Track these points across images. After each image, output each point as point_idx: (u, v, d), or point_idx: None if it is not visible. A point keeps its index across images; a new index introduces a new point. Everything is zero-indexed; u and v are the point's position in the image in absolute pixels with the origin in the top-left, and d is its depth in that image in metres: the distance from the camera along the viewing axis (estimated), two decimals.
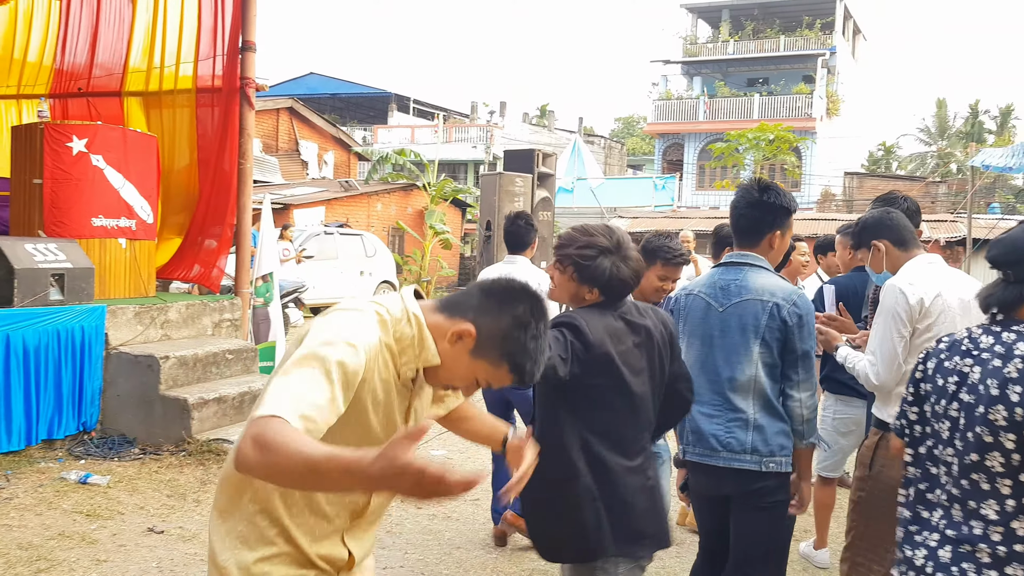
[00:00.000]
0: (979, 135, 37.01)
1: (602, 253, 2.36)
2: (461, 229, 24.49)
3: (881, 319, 2.83)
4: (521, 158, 9.58)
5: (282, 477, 1.36)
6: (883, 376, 2.81)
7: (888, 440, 2.83)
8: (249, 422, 1.37)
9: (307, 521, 1.71)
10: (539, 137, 32.76)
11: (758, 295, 2.74)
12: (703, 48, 32.69)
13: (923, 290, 2.75)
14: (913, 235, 3.02)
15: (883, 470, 2.85)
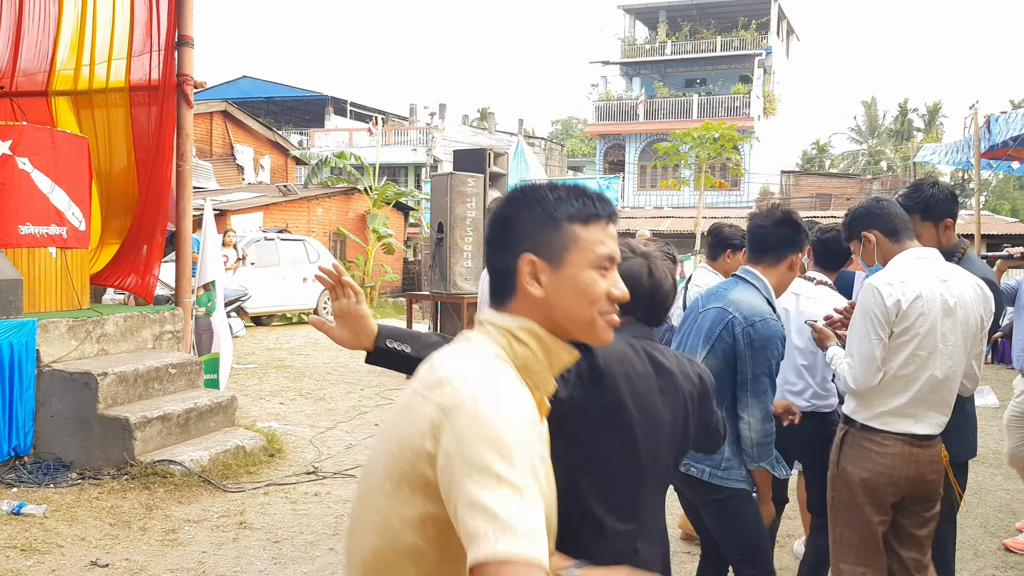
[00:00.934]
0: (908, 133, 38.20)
1: (634, 255, 2.03)
2: (404, 233, 24.14)
3: (859, 319, 2.72)
4: (472, 158, 9.38)
5: None
6: (860, 379, 2.69)
7: (853, 437, 2.76)
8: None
9: None
10: (480, 139, 32.54)
11: (725, 304, 2.73)
12: (641, 49, 32.94)
13: (901, 291, 2.61)
14: (906, 225, 2.83)
15: (848, 467, 2.76)
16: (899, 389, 2.65)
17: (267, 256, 14.52)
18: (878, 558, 2.75)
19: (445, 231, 8.72)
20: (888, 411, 2.68)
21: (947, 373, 2.64)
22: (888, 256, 2.80)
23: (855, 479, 2.72)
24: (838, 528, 2.83)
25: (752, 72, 30.32)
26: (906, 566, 2.78)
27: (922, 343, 2.62)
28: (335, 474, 5.65)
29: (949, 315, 2.63)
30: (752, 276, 2.81)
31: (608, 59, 32.98)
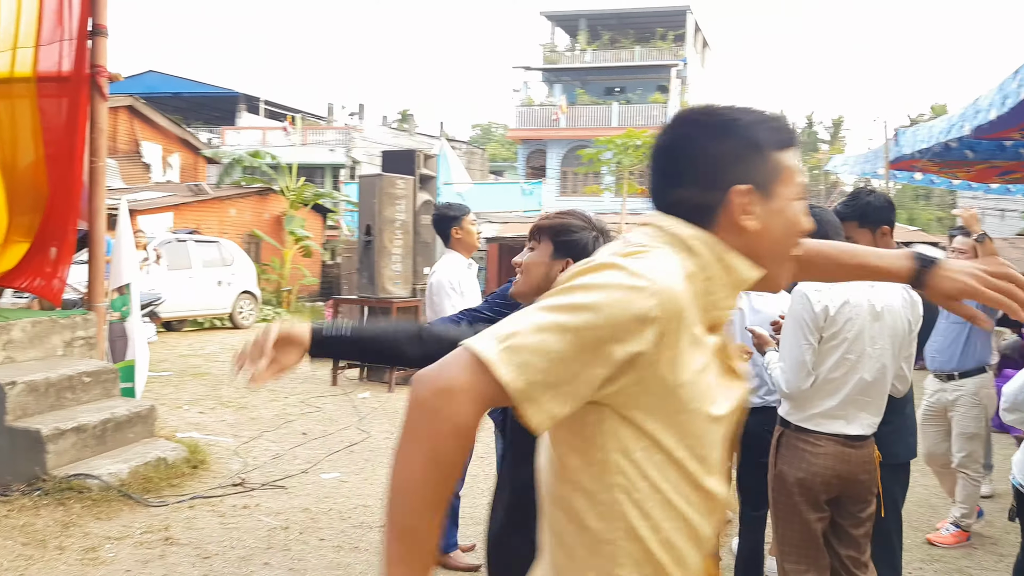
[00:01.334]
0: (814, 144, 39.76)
1: (586, 228, 2.07)
2: (323, 235, 23.59)
3: (789, 325, 2.81)
4: (401, 159, 9.22)
5: None
6: (792, 383, 2.78)
7: (788, 438, 2.84)
8: None
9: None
10: (401, 141, 32.19)
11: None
12: (562, 56, 33.23)
13: (829, 297, 2.71)
14: (838, 232, 2.90)
15: (784, 468, 2.83)
16: (830, 392, 2.74)
17: (179, 258, 13.95)
18: (820, 556, 2.81)
19: (374, 234, 8.54)
20: (820, 413, 2.78)
21: (876, 376, 2.74)
22: None
23: (791, 479, 2.79)
24: (780, 528, 2.90)
25: (669, 82, 30.99)
26: (845, 564, 2.86)
27: (851, 347, 2.72)
28: (263, 485, 5.43)
29: (876, 319, 2.73)
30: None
31: (530, 64, 33.17)
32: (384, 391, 8.77)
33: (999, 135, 8.54)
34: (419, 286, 9.22)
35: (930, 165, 10.40)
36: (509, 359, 1.00)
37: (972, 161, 9.61)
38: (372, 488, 5.48)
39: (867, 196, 3.15)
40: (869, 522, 2.88)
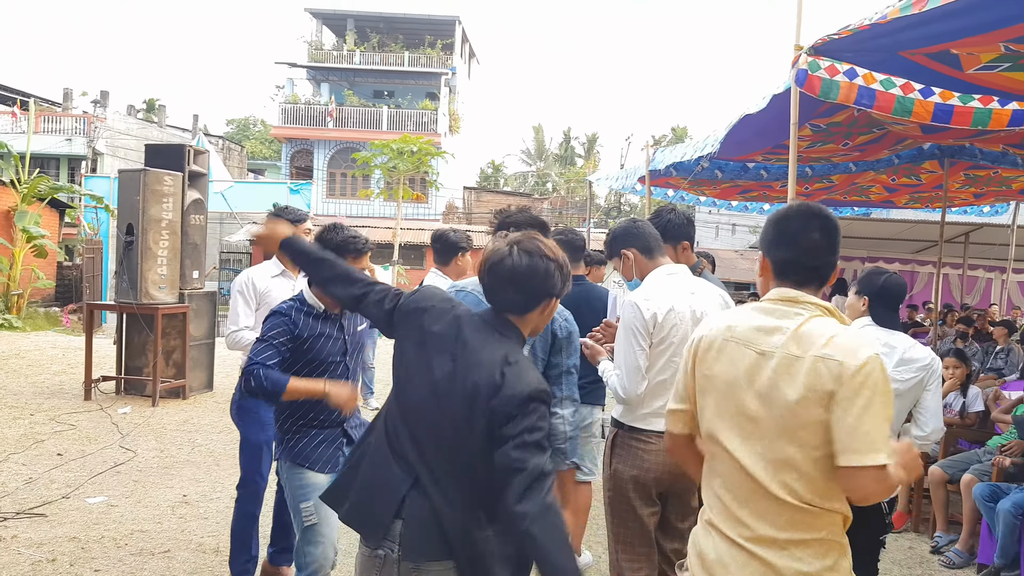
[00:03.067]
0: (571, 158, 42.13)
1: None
2: (59, 234, 21.17)
3: (622, 333, 2.96)
4: (167, 153, 8.50)
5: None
6: (628, 388, 2.93)
7: (622, 438, 2.98)
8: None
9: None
10: (149, 132, 29.77)
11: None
12: (329, 55, 32.46)
13: (656, 305, 2.89)
14: (659, 243, 3.13)
15: (619, 466, 2.98)
16: (660, 392, 2.90)
17: None
18: (652, 552, 2.97)
19: (136, 234, 7.80)
20: (651, 412, 2.94)
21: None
22: (644, 272, 3.08)
23: (625, 476, 2.93)
24: (615, 525, 3.02)
25: (439, 90, 31.36)
26: (669, 558, 3.03)
27: (677, 351, 2.89)
28: (18, 514, 4.78)
29: (697, 324, 2.89)
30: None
31: (295, 61, 32.04)
32: (147, 405, 8.03)
33: (744, 157, 9.58)
34: (187, 291, 8.57)
35: (681, 182, 11.38)
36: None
37: (719, 180, 10.61)
38: (146, 511, 5.01)
39: (668, 214, 3.39)
40: (693, 516, 3.06)
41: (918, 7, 4.52)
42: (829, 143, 8.28)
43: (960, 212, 12.92)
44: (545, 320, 2.13)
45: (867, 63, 5.81)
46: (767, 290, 1.98)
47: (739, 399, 1.86)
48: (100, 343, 9.96)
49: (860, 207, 13.25)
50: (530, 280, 2.01)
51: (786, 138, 8.29)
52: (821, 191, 11.68)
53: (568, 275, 2.11)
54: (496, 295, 2.06)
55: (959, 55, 5.44)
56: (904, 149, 8.85)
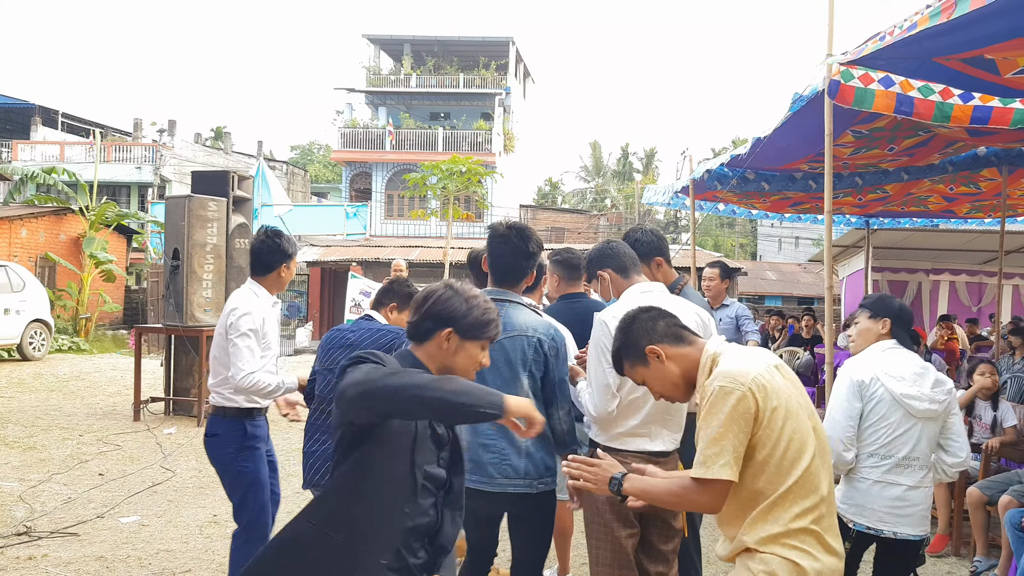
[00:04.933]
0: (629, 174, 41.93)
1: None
2: (127, 259, 22.02)
3: (592, 351, 2.96)
4: (212, 180, 8.73)
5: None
6: (599, 406, 2.91)
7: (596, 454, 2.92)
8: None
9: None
10: (215, 160, 30.78)
11: (523, 331, 2.93)
12: (386, 79, 33.06)
13: None
14: (634, 263, 3.16)
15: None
16: (632, 411, 2.88)
17: None
18: (632, 575, 2.89)
19: (182, 258, 8.03)
20: (625, 431, 2.91)
21: None
22: (620, 291, 3.11)
23: (601, 499, 2.87)
24: (593, 547, 2.97)
25: (493, 110, 31.63)
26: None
27: None
28: (52, 533, 4.93)
29: None
30: (516, 297, 3.04)
31: (354, 87, 32.73)
32: (192, 426, 8.23)
33: (789, 166, 9.36)
34: None
35: (730, 196, 11.16)
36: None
37: (768, 192, 10.37)
38: (176, 531, 5.11)
39: (636, 233, 3.42)
40: (678, 537, 3.00)
41: (947, 14, 4.37)
42: (874, 148, 8.03)
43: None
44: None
45: (902, 70, 5.63)
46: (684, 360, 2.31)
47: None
48: (152, 365, 10.26)
49: (920, 218, 12.82)
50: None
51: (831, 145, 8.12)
52: (876, 202, 11.32)
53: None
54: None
55: (995, 60, 5.24)
56: (955, 153, 8.52)
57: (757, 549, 2.07)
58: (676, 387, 2.28)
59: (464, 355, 2.17)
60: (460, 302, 2.16)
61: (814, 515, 2.06)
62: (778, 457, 2.04)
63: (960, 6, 4.21)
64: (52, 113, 33.34)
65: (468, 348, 2.17)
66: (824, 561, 2.05)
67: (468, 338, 2.16)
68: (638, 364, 2.30)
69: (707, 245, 38.90)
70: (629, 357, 2.32)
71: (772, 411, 2.05)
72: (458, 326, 2.14)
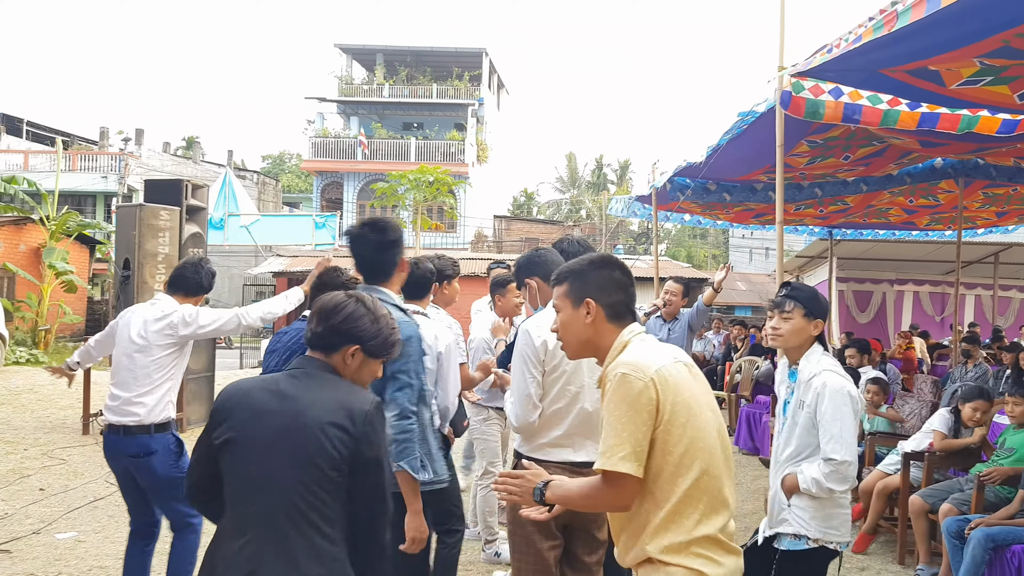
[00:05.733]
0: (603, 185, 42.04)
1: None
2: (89, 269, 21.65)
3: (515, 361, 2.93)
4: (166, 189, 8.61)
5: None
6: (520, 416, 2.87)
7: (521, 468, 2.85)
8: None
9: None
10: (184, 169, 30.46)
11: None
12: (359, 89, 32.97)
13: (547, 333, 2.80)
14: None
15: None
16: (556, 422, 2.84)
17: None
18: None
19: (132, 268, 7.88)
20: (548, 442, 2.87)
21: (596, 406, 2.83)
22: (547, 299, 3.04)
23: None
24: (516, 559, 2.93)
25: (466, 121, 31.62)
26: None
27: (570, 379, 2.84)
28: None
29: None
30: (380, 290, 2.94)
31: (325, 96, 32.61)
32: None
33: (748, 177, 9.39)
34: None
35: (693, 207, 11.19)
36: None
37: (730, 203, 10.40)
38: (112, 547, 4.96)
39: (562, 244, 3.35)
40: (602, 549, 2.95)
41: (889, 27, 4.38)
42: (829, 157, 8.09)
43: (987, 233, 12.55)
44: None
45: (851, 81, 5.67)
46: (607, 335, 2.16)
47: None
48: (105, 377, 10.07)
49: (882, 229, 12.93)
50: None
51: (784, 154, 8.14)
52: (837, 213, 11.41)
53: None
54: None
55: (939, 71, 5.27)
56: (911, 164, 8.61)
57: (661, 560, 1.96)
58: (580, 345, 2.20)
59: (366, 370, 2.20)
60: (370, 322, 2.15)
61: (720, 522, 1.97)
62: (678, 455, 1.94)
63: (901, 18, 4.23)
64: (17, 121, 32.91)
65: (371, 364, 2.20)
66: (726, 563, 1.98)
67: (373, 357, 2.18)
68: (569, 298, 2.19)
69: (680, 256, 39.05)
70: (571, 286, 2.20)
71: (674, 406, 1.94)
72: (366, 346, 2.15)
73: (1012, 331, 14.05)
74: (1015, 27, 4.13)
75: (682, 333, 5.88)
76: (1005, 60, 4.65)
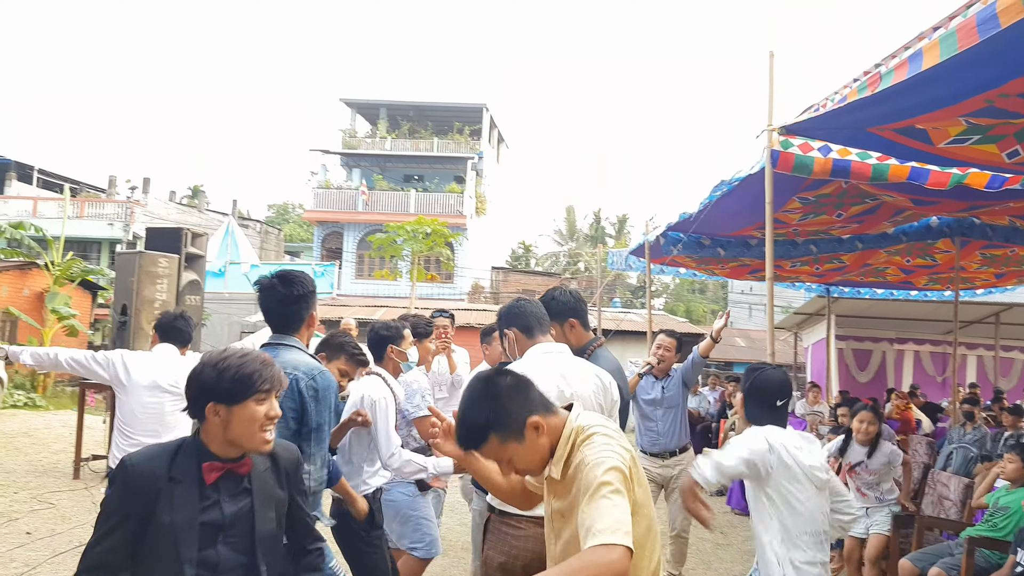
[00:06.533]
0: (601, 238, 42.34)
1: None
2: (91, 314, 21.70)
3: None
4: (166, 237, 8.70)
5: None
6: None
7: (494, 523, 2.87)
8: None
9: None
10: (188, 218, 30.74)
11: (282, 366, 2.75)
12: (362, 142, 33.48)
13: None
14: (540, 323, 3.07)
15: (489, 552, 2.85)
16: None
17: None
18: None
19: (130, 314, 7.93)
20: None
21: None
22: (524, 350, 3.03)
23: (494, 564, 2.80)
24: None
25: (465, 173, 32.02)
26: None
27: None
28: None
29: (565, 404, 2.80)
30: (292, 341, 2.97)
31: (329, 148, 33.09)
32: None
33: (741, 232, 9.47)
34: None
35: (688, 261, 11.26)
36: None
37: (724, 258, 10.43)
38: None
39: (554, 292, 3.38)
40: None
41: (872, 88, 4.50)
42: (822, 214, 8.16)
43: (987, 293, 12.54)
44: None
45: (840, 139, 5.77)
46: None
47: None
48: (95, 421, 10.05)
49: (880, 288, 12.93)
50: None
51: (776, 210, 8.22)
52: (834, 271, 11.45)
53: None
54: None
55: (927, 129, 5.37)
56: (906, 222, 8.67)
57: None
58: (541, 461, 2.07)
59: (239, 421, 2.07)
60: (209, 371, 2.06)
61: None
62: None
63: (884, 80, 4.34)
64: (28, 169, 33.31)
65: (240, 412, 2.07)
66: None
67: (234, 403, 2.06)
68: (511, 439, 2.02)
69: (679, 311, 39.08)
70: (501, 430, 2.01)
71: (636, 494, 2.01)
72: (216, 396, 2.05)
73: (1015, 393, 13.93)
74: (997, 87, 4.23)
75: (677, 391, 5.58)
76: (990, 119, 4.74)
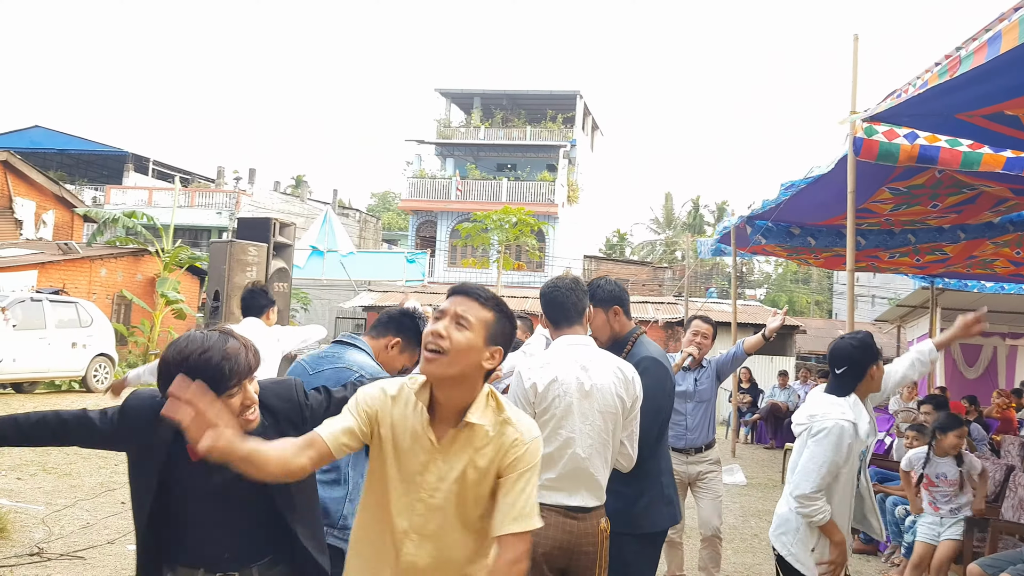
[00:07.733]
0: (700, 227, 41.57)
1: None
2: (199, 298, 22.88)
3: (510, 401, 2.90)
4: (257, 226, 9.11)
5: None
6: None
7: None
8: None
9: None
10: (290, 207, 31.92)
11: (348, 365, 2.91)
12: (456, 131, 33.94)
13: (538, 375, 2.83)
14: (566, 315, 3.02)
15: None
16: (549, 465, 2.76)
17: (32, 318, 13.23)
18: None
19: (222, 299, 8.35)
20: (542, 484, 2.78)
21: (589, 452, 2.79)
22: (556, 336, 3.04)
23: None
24: None
25: (558, 161, 32.02)
26: None
27: (561, 423, 2.79)
28: (61, 556, 5.10)
29: (586, 397, 2.81)
30: (357, 340, 3.04)
31: (424, 138, 33.68)
32: None
33: (830, 222, 9.15)
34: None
35: (779, 250, 10.95)
36: None
37: (816, 248, 10.10)
38: None
39: (599, 282, 3.37)
40: None
41: (952, 71, 4.28)
42: (915, 204, 7.79)
43: None
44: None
45: (927, 126, 5.51)
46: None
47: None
48: None
49: (989, 281, 12.22)
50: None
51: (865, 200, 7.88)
52: (936, 263, 10.88)
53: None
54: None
55: (1018, 116, 5.07)
56: (1009, 211, 8.19)
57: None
58: (464, 376, 2.05)
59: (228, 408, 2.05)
60: (174, 371, 1.97)
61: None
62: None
63: (964, 63, 4.13)
64: (144, 160, 35.30)
65: (228, 402, 2.06)
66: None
67: (218, 391, 2.00)
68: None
69: (780, 302, 37.95)
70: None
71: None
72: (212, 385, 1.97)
73: None
74: None
75: (710, 384, 5.10)
76: None
